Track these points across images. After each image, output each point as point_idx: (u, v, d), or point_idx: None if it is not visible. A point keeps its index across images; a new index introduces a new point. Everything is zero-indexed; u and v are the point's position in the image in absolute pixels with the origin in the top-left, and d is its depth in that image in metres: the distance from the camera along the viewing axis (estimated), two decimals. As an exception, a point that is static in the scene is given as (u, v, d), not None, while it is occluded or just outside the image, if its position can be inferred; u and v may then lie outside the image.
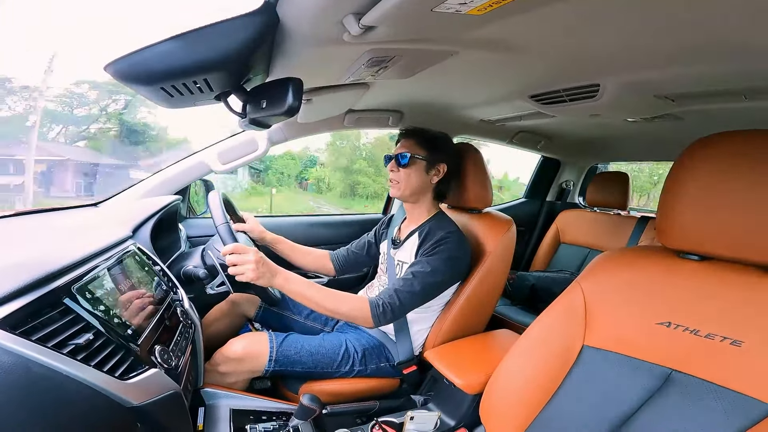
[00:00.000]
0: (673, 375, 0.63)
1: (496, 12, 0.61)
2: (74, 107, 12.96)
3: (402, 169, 1.18)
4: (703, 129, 0.74)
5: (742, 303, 0.61)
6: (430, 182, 1.21)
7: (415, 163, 1.18)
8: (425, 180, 1.20)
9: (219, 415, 0.92)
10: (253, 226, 1.29)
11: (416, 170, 1.18)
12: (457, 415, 1.04)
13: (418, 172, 1.18)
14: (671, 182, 0.69)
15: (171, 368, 0.70)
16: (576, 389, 0.72)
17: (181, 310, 0.91)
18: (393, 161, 1.20)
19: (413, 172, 1.18)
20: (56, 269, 0.58)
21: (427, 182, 1.20)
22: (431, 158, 1.19)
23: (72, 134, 12.80)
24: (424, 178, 1.19)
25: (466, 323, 1.23)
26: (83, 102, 12.97)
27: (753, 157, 0.60)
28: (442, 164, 1.20)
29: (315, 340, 1.15)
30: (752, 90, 0.95)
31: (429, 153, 1.18)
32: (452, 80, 1.14)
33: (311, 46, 0.75)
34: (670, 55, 0.80)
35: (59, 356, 0.49)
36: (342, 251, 1.44)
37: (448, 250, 1.09)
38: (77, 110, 13.07)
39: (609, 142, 2.13)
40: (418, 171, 1.18)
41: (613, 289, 0.75)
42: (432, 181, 1.21)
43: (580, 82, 1.03)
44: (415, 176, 1.18)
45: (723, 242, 0.62)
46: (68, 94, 12.71)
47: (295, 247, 1.38)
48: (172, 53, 0.64)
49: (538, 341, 0.80)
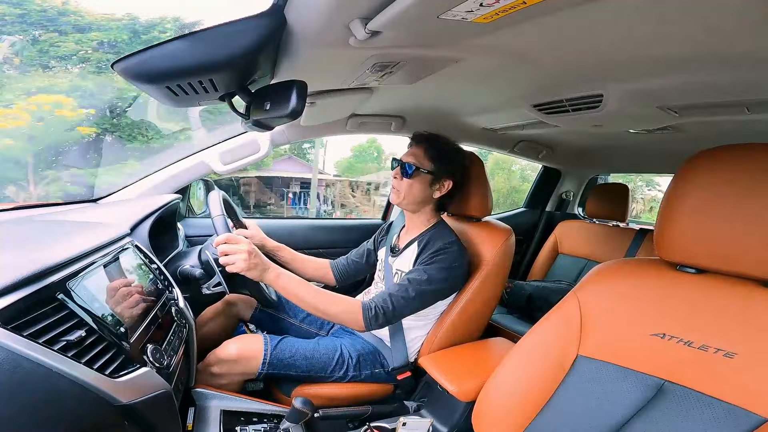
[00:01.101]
0: (666, 385, 0.63)
1: (503, 20, 0.61)
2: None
3: (405, 179, 1.15)
4: (704, 141, 0.74)
5: (737, 315, 0.61)
6: (432, 196, 1.18)
7: (420, 175, 1.15)
8: (427, 193, 1.17)
9: (209, 416, 0.91)
10: (254, 233, 1.28)
11: (420, 183, 1.15)
12: (449, 422, 1.03)
13: (422, 185, 1.16)
14: (670, 195, 0.69)
15: (162, 367, 0.69)
16: (569, 398, 0.72)
17: (175, 309, 0.90)
18: (398, 168, 1.17)
19: (416, 184, 1.15)
20: (52, 264, 0.58)
21: (429, 196, 1.18)
22: (438, 172, 1.16)
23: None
24: (427, 192, 1.17)
25: (462, 331, 1.23)
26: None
27: (753, 170, 0.60)
28: (448, 180, 1.18)
29: (310, 344, 1.15)
30: (756, 103, 0.96)
31: (436, 167, 1.15)
32: (456, 87, 1.15)
33: (317, 49, 0.75)
34: (674, 65, 0.80)
35: (50, 353, 0.49)
36: (342, 260, 1.42)
37: (446, 260, 1.09)
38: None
39: (610, 153, 2.14)
40: (421, 184, 1.16)
41: (609, 300, 0.75)
42: (434, 195, 1.18)
43: (584, 91, 1.03)
44: (417, 188, 1.16)
45: (720, 255, 0.63)
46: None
47: (296, 255, 1.37)
48: (179, 53, 0.64)
49: (532, 350, 0.80)
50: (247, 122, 0.84)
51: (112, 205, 1.26)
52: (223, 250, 0.93)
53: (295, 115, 0.72)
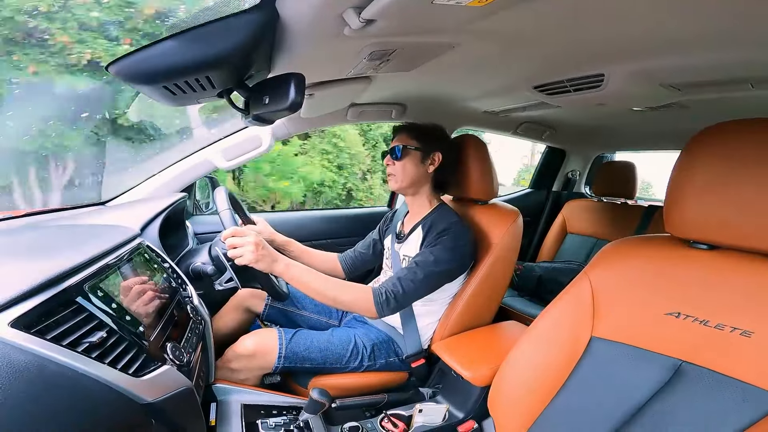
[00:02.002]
0: (683, 366, 0.63)
1: (498, 3, 0.60)
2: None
3: (397, 162, 1.19)
4: (709, 118, 0.73)
5: (752, 293, 0.60)
6: (426, 172, 1.21)
7: (409, 153, 1.19)
8: (421, 170, 1.20)
9: (231, 411, 0.93)
10: (262, 228, 1.29)
11: (411, 161, 1.19)
12: (465, 408, 1.05)
13: (413, 162, 1.19)
14: (678, 171, 0.68)
15: (183, 364, 0.71)
16: (585, 381, 0.72)
17: (190, 306, 0.92)
18: (389, 156, 1.21)
19: (408, 163, 1.19)
20: (68, 268, 0.59)
21: (424, 172, 1.21)
22: (425, 148, 1.20)
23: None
24: (420, 168, 1.20)
25: (474, 315, 1.23)
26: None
27: (760, 144, 0.59)
28: (436, 153, 1.21)
29: (324, 336, 1.16)
30: (759, 79, 0.94)
31: (422, 143, 1.20)
32: (455, 72, 1.13)
33: (312, 41, 0.74)
34: (675, 43, 0.78)
35: (74, 354, 0.50)
36: (349, 253, 1.44)
37: (451, 240, 1.09)
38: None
39: (615, 132, 2.10)
40: (413, 161, 1.19)
41: (621, 279, 0.74)
42: (428, 170, 1.21)
43: (585, 71, 1.01)
44: (410, 167, 1.19)
45: (732, 231, 0.61)
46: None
47: (304, 249, 1.38)
48: (172, 52, 0.64)
49: (545, 333, 0.80)
50: (247, 117, 0.84)
51: (120, 207, 1.28)
52: (231, 243, 0.93)
53: (295, 107, 0.72)
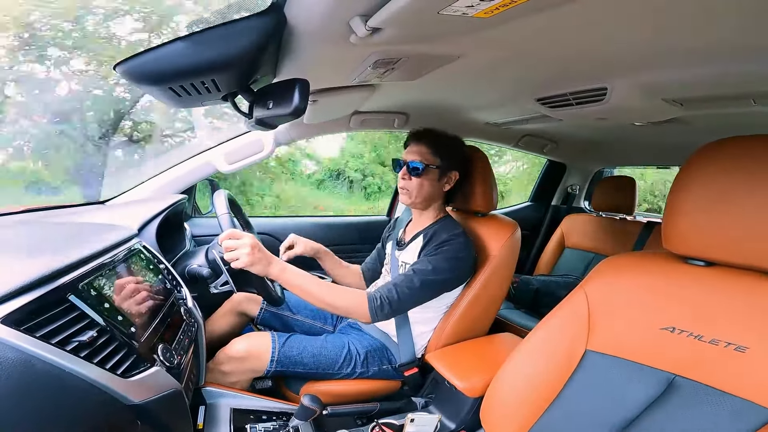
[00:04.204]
0: (676, 380, 0.63)
1: (504, 15, 0.60)
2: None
3: (414, 178, 1.15)
4: (711, 134, 0.73)
5: (748, 309, 0.60)
6: (441, 190, 1.19)
7: (429, 172, 1.15)
8: (437, 188, 1.18)
9: (219, 415, 0.92)
10: (304, 249, 1.26)
11: (429, 179, 1.15)
12: (457, 418, 1.04)
13: (432, 181, 1.15)
14: (678, 187, 0.68)
15: (173, 366, 0.70)
16: (578, 394, 0.72)
17: (184, 308, 0.91)
18: (405, 169, 1.16)
19: (426, 182, 1.15)
20: (62, 266, 0.58)
21: (439, 190, 1.19)
22: (444, 166, 1.16)
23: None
24: (436, 186, 1.17)
25: (469, 326, 1.23)
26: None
27: (759, 162, 0.60)
28: (454, 172, 1.19)
29: (317, 341, 1.15)
30: (761, 94, 0.94)
31: (442, 161, 1.15)
32: (458, 82, 1.14)
33: (318, 47, 0.75)
34: (678, 57, 0.79)
35: (62, 353, 0.50)
36: (368, 263, 1.43)
37: (452, 251, 1.08)
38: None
39: (615, 146, 2.11)
40: (430, 179, 1.15)
41: (617, 294, 0.74)
42: (443, 189, 1.19)
43: (588, 85, 1.02)
44: (428, 185, 1.15)
45: (729, 248, 0.62)
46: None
47: (337, 261, 1.38)
48: (180, 54, 0.64)
49: (540, 345, 0.80)
50: (250, 121, 0.84)
51: (119, 206, 1.28)
52: (227, 246, 0.92)
53: (298, 113, 0.72)
